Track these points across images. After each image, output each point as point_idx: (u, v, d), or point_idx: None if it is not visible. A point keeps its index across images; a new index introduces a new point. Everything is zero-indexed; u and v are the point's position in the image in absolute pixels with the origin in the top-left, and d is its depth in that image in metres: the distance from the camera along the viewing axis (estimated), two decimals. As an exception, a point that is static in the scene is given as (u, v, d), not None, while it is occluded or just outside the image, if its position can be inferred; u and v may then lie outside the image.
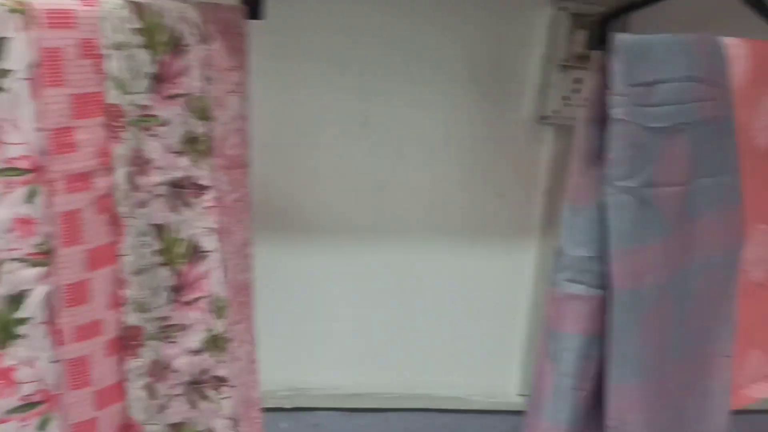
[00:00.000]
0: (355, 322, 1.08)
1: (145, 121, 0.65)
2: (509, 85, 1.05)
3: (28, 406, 0.63)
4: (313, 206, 1.03)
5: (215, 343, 0.79)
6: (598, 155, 0.75)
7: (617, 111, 0.72)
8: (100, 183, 0.63)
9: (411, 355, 1.11)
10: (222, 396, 0.80)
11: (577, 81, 1.00)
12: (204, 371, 0.77)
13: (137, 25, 0.63)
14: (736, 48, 0.80)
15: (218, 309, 0.78)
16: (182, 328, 0.74)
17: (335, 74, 0.99)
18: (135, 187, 0.66)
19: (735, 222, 0.83)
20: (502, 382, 1.07)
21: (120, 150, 0.64)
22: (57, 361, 0.63)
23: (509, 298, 1.08)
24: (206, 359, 0.77)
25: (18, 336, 0.61)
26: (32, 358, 0.62)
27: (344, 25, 0.98)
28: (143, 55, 0.63)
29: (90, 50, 0.60)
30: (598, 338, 0.78)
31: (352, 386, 1.10)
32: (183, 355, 0.74)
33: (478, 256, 1.09)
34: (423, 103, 1.03)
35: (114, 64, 0.62)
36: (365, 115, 1.02)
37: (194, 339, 0.75)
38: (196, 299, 0.75)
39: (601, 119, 0.75)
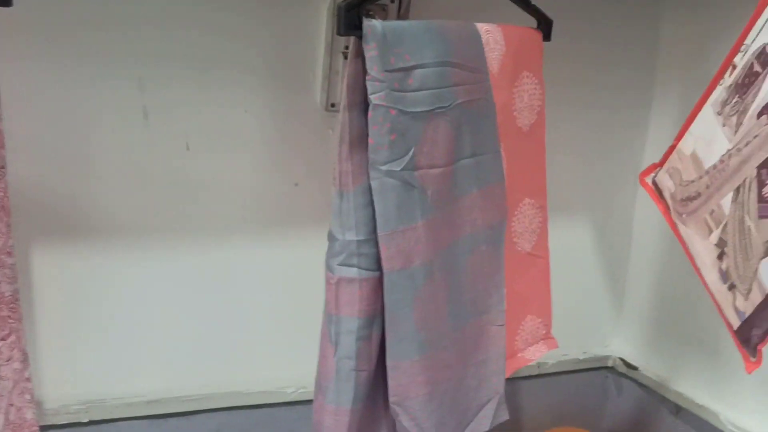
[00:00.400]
0: (153, 325, 1.03)
1: None
2: (300, 73, 1.04)
3: None
4: (95, 206, 0.97)
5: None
6: (361, 140, 0.76)
7: (375, 96, 0.74)
8: None
9: (219, 353, 1.08)
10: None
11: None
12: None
13: None
14: (490, 33, 0.84)
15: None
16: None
17: (109, 64, 0.94)
18: None
19: (498, 198, 0.87)
20: (306, 372, 1.07)
21: None
22: None
23: (311, 287, 1.08)
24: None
25: None
26: None
27: (117, 11, 0.93)
28: None
29: None
30: (376, 319, 0.79)
31: (157, 392, 1.05)
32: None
33: (277, 246, 1.08)
34: (210, 93, 1.00)
35: None
36: (145, 107, 0.97)
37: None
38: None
39: (362, 105, 0.76)
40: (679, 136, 0.92)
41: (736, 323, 0.80)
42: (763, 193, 0.75)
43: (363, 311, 0.78)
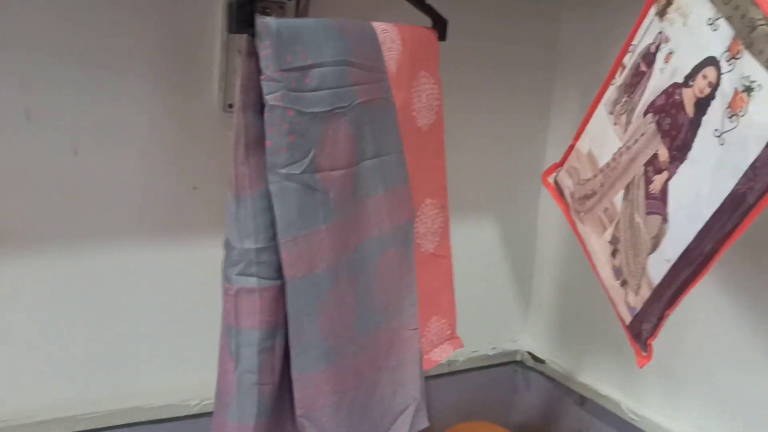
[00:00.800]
0: (41, 340, 0.98)
1: None
2: (196, 72, 1.01)
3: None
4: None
5: None
6: (258, 143, 0.75)
7: (271, 97, 0.73)
8: None
9: (116, 366, 1.04)
10: None
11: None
12: None
13: None
14: (387, 32, 0.84)
15: None
16: None
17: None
18: None
19: (404, 199, 0.88)
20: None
21: None
22: None
23: (212, 293, 1.06)
24: None
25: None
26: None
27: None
28: None
29: None
30: (279, 329, 0.78)
31: (49, 411, 1.00)
32: None
33: (176, 252, 1.04)
34: (100, 93, 0.95)
35: None
36: (28, 108, 0.92)
37: None
38: None
39: (258, 106, 0.74)
40: (577, 136, 0.96)
41: (628, 318, 0.83)
42: (649, 190, 0.78)
43: (264, 322, 0.76)
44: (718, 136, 0.70)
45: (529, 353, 1.36)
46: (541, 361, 1.33)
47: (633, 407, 1.15)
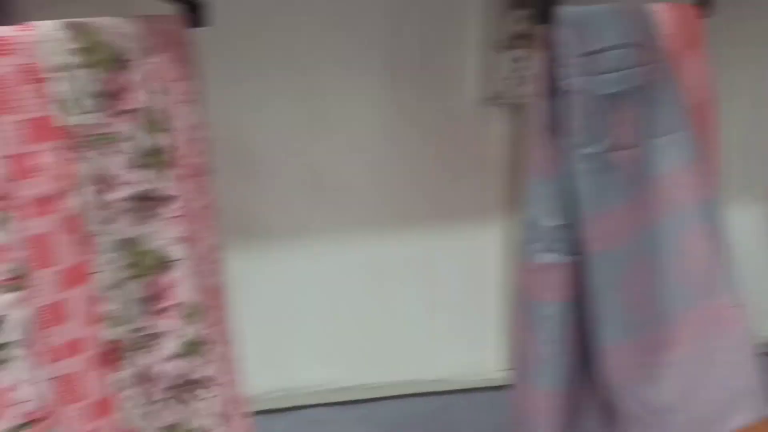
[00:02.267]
0: (334, 319, 1.13)
1: (104, 138, 0.69)
2: (448, 71, 1.07)
3: (20, 427, 0.66)
4: (274, 210, 1.07)
5: (192, 347, 0.81)
6: (554, 127, 0.81)
7: (571, 82, 0.79)
8: (67, 204, 0.67)
9: (392, 344, 1.16)
10: (203, 397, 0.83)
11: (517, 60, 1.05)
12: (183, 375, 0.80)
13: (76, 45, 0.65)
14: (662, 13, 0.87)
15: (191, 314, 0.80)
16: (158, 336, 0.76)
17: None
18: (102, 205, 0.69)
19: (700, 175, 0.90)
20: (481, 360, 1.15)
21: (83, 170, 0.67)
22: (44, 381, 0.67)
23: (479, 278, 1.14)
24: (186, 363, 0.80)
25: (1, 361, 0.65)
26: (19, 381, 0.65)
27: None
28: (86, 75, 0.66)
29: (32, 75, 0.63)
30: (575, 303, 0.85)
31: (341, 380, 1.15)
32: (163, 362, 0.77)
33: (445, 240, 1.13)
34: (356, 99, 1.05)
35: (57, 87, 0.65)
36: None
37: (170, 345, 0.77)
38: (168, 307, 0.77)
39: (552, 92, 0.81)
40: None
41: None
42: None
43: (563, 296, 0.83)
44: None
45: None
46: None
47: None
